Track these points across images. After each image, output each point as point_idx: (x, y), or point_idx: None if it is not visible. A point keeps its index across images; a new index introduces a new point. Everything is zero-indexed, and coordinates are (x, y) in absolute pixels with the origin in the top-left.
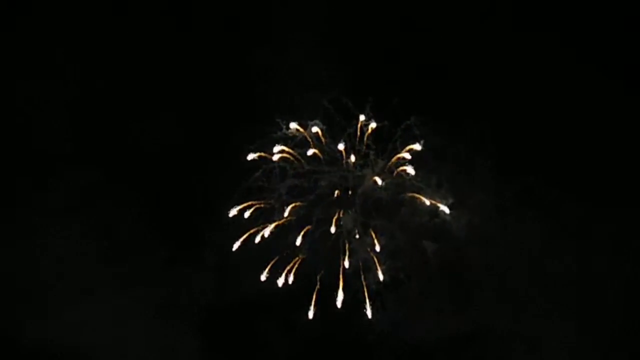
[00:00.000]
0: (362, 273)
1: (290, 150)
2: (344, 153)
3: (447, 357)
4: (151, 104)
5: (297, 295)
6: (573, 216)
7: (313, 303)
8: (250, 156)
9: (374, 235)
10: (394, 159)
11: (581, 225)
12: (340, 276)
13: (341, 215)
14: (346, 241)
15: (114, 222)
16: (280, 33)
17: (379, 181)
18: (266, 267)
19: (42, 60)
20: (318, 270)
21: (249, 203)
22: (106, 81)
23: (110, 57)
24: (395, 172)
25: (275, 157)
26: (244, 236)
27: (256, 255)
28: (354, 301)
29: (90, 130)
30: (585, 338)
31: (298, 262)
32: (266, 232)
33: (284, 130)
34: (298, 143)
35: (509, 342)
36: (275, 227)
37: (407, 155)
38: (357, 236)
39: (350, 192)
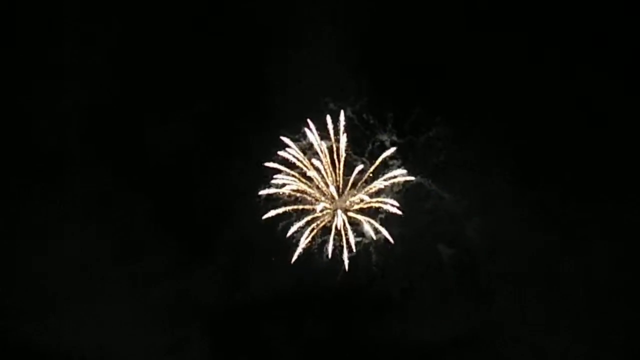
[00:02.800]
0: (377, 279)
1: (301, 158)
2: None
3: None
4: (167, 107)
5: (307, 299)
6: (588, 226)
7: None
8: (269, 163)
9: (391, 241)
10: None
11: (596, 235)
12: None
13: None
14: (362, 247)
15: (127, 223)
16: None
17: (398, 189)
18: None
19: (54, 62)
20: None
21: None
22: (122, 84)
23: (124, 59)
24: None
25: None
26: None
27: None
28: (366, 305)
29: (105, 133)
30: (593, 350)
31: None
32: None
33: (307, 139)
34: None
35: (516, 347)
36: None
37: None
38: (374, 242)
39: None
